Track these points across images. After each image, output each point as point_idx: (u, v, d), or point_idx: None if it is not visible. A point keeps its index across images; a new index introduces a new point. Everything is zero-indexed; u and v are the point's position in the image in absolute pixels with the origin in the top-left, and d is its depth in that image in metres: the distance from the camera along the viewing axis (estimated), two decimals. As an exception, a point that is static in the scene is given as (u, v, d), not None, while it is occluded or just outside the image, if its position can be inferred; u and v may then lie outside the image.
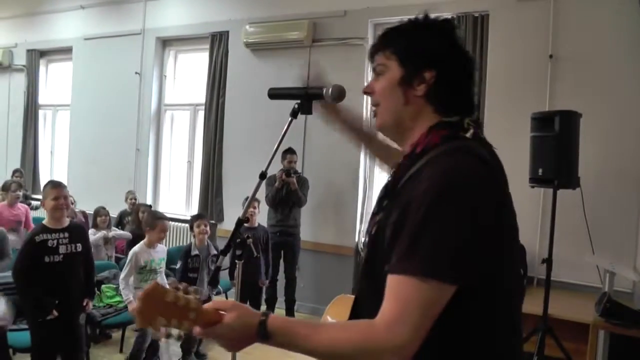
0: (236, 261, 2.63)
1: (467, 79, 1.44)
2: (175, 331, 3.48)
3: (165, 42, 8.18)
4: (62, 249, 3.77)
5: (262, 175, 2.07)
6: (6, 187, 6.39)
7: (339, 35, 6.53)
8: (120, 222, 6.94)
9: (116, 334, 5.26)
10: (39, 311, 3.71)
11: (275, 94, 2.16)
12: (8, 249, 5.06)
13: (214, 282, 4.65)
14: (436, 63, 1.38)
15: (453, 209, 1.19)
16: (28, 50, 9.89)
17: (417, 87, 1.39)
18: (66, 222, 3.89)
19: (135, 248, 4.51)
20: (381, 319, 1.20)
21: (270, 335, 1.25)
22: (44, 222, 3.88)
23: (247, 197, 5.47)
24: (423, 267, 1.18)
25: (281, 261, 6.31)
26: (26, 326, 3.98)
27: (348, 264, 6.40)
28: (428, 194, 1.21)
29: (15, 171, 8.57)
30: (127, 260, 4.44)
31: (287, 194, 6.10)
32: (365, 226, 6.39)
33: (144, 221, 5.09)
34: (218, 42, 7.37)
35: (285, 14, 6.82)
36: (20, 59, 10.04)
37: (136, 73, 8.16)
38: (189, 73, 8.19)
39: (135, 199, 7.18)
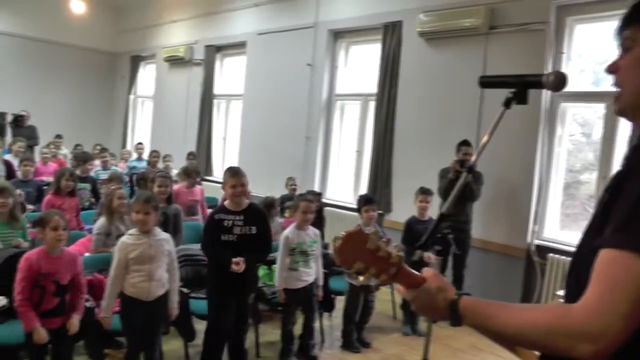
0: (436, 256, 2.52)
1: None
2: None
3: (337, 34, 8.24)
4: (236, 230, 3.92)
5: (469, 169, 1.93)
6: (188, 172, 6.81)
7: (517, 20, 6.08)
8: (281, 207, 7.13)
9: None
10: (222, 268, 3.86)
11: (488, 82, 2.01)
12: (182, 226, 5.40)
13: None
14: None
15: None
16: (206, 46, 10.62)
17: None
18: (244, 205, 4.02)
19: (286, 230, 4.54)
20: (581, 303, 1.06)
21: (462, 316, 1.24)
22: (225, 203, 4.07)
23: (428, 188, 5.44)
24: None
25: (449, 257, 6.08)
26: (204, 295, 4.21)
27: (517, 266, 5.98)
28: None
29: (189, 154, 9.18)
30: (280, 243, 4.47)
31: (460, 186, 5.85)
32: (537, 227, 6.03)
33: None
34: (391, 33, 7.29)
35: (461, 0, 6.55)
36: (199, 54, 10.81)
37: (308, 65, 8.33)
38: (361, 64, 8.20)
39: (296, 185, 7.35)
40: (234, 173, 4.03)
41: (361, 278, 1.32)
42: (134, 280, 3.48)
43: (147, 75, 13.27)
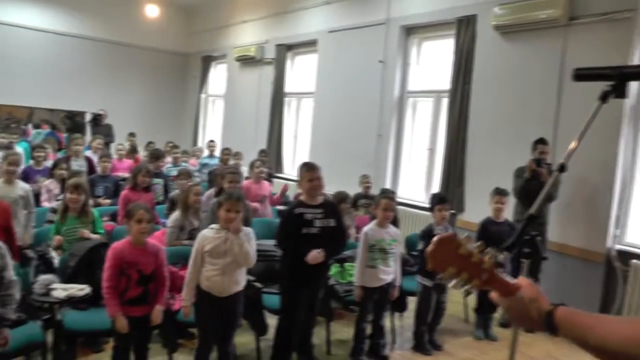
0: (522, 260, 2.39)
1: None
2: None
3: (409, 30, 8.10)
4: (317, 223, 3.94)
5: (562, 168, 1.82)
6: (253, 166, 6.88)
7: (600, 9, 5.71)
8: (354, 204, 7.06)
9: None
10: (296, 262, 3.86)
11: (584, 74, 1.89)
12: (251, 222, 5.43)
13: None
14: None
15: None
16: (277, 45, 10.71)
17: None
18: (320, 199, 4.03)
19: (366, 227, 4.48)
20: None
21: (557, 327, 1.20)
22: (301, 197, 4.08)
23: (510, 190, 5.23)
24: None
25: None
26: (276, 290, 4.22)
27: (596, 271, 5.66)
28: None
29: (261, 151, 9.27)
30: (361, 240, 4.45)
31: (538, 186, 5.59)
32: (619, 231, 5.68)
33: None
34: (465, 27, 7.08)
35: (539, -9, 6.26)
36: (270, 53, 10.92)
37: (379, 62, 8.23)
38: (433, 60, 8.04)
39: (370, 183, 7.25)
40: (310, 167, 4.06)
41: (451, 283, 1.29)
42: (208, 274, 3.52)
43: (218, 75, 13.51)
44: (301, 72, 10.65)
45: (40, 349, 3.52)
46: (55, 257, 4.27)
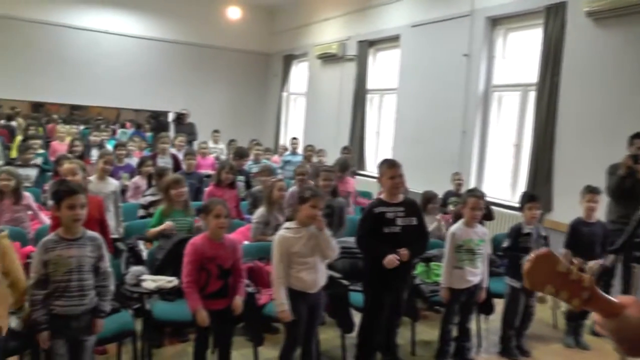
0: (633, 264, 2.23)
1: None
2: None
3: (495, 21, 7.83)
4: (399, 222, 3.88)
5: None
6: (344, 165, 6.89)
7: None
8: (444, 203, 6.92)
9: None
10: (379, 261, 3.79)
11: None
12: (345, 219, 5.44)
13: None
14: None
15: None
16: (359, 42, 10.66)
17: None
18: (401, 197, 3.97)
19: (453, 227, 4.36)
20: None
21: None
22: (381, 196, 4.02)
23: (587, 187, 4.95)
24: None
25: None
26: (361, 288, 4.18)
27: None
28: None
29: (344, 148, 9.28)
30: (448, 240, 4.33)
31: (634, 184, 5.19)
32: None
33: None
34: (554, 15, 6.74)
35: (640, -29, 5.82)
36: (352, 50, 10.89)
37: (464, 55, 8.03)
38: (520, 52, 7.73)
39: (462, 180, 7.09)
40: (391, 164, 3.98)
41: (548, 302, 1.20)
42: (300, 274, 3.54)
43: (299, 73, 13.63)
44: (383, 68, 10.55)
45: (131, 336, 3.69)
46: (144, 250, 4.47)
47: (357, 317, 4.22)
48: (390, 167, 3.96)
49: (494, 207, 7.18)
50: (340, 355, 4.28)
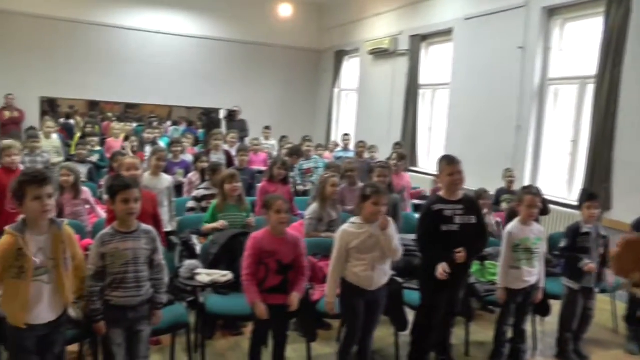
0: None
1: None
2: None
3: (551, 12, 7.60)
4: (457, 220, 3.78)
5: None
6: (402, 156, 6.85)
7: None
8: (497, 201, 6.77)
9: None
10: (435, 264, 3.73)
11: None
12: (400, 215, 5.37)
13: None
14: None
15: None
16: (411, 36, 10.56)
17: None
18: (460, 195, 3.87)
19: (509, 225, 4.22)
20: None
21: None
22: (440, 193, 3.93)
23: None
24: None
25: None
26: (416, 286, 4.13)
27: None
28: None
29: (396, 144, 9.23)
30: (504, 239, 4.20)
31: None
32: None
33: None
34: (617, 2, 6.48)
35: None
36: (404, 45, 10.80)
37: (519, 48, 7.81)
38: (577, 43, 7.48)
39: (513, 177, 6.91)
40: (450, 160, 3.88)
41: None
42: (356, 270, 3.52)
43: (350, 69, 13.58)
44: (436, 63, 10.40)
45: (185, 328, 3.74)
46: (197, 244, 4.52)
47: (411, 316, 4.15)
48: (449, 164, 3.86)
49: (549, 205, 6.99)
50: (394, 354, 4.23)
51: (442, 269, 3.66)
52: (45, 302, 2.77)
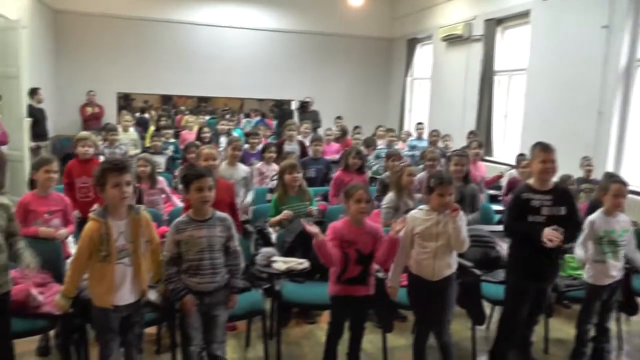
0: None
1: None
2: None
3: (640, -13, 7.13)
4: (544, 211, 3.60)
5: None
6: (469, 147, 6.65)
7: None
8: (577, 190, 6.45)
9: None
10: (527, 251, 3.61)
11: None
12: (479, 206, 5.21)
13: None
14: None
15: None
16: (485, 21, 10.23)
17: None
18: (551, 184, 3.69)
19: (592, 216, 3.96)
20: None
21: None
22: (530, 181, 3.76)
23: None
24: None
25: None
26: (494, 279, 4.03)
27: None
28: None
29: (470, 132, 9.01)
30: (586, 230, 3.96)
31: None
32: None
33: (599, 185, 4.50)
34: None
35: None
36: (478, 30, 10.48)
37: (603, 27, 7.39)
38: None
39: (591, 166, 6.55)
40: (544, 147, 3.68)
41: None
42: (418, 257, 3.44)
43: (423, 57, 13.35)
44: (512, 47, 10.03)
45: (261, 315, 3.78)
46: (272, 233, 4.56)
47: (488, 309, 4.03)
48: (542, 150, 3.66)
49: (634, 196, 6.60)
50: (470, 348, 4.11)
51: (549, 233, 3.44)
52: (127, 283, 2.93)
